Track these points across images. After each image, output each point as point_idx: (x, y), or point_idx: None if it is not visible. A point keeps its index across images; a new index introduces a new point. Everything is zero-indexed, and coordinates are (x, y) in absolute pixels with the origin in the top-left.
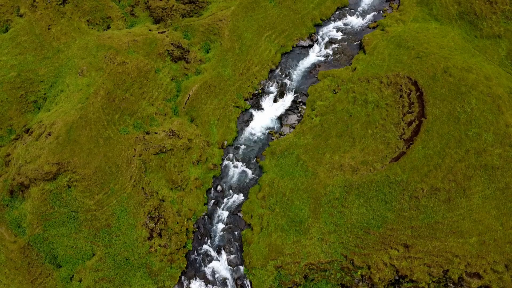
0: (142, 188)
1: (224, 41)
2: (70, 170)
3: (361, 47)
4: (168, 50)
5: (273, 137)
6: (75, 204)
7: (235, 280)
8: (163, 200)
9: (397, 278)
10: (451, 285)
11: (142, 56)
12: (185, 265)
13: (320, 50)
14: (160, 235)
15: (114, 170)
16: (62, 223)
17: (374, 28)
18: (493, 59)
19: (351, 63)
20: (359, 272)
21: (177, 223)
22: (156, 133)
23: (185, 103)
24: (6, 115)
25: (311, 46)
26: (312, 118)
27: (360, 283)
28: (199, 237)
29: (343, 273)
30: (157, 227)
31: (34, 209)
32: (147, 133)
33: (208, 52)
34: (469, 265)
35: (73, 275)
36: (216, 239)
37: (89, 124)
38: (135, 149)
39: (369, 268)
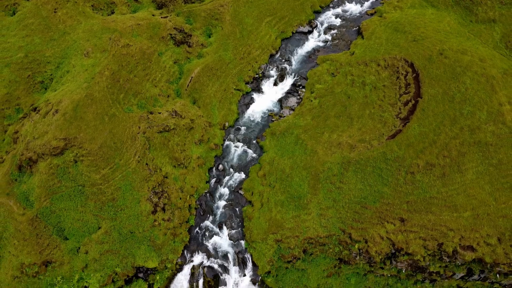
0: (146, 164)
1: (225, 26)
2: (76, 145)
3: (359, 33)
4: (170, 34)
5: (273, 119)
6: (82, 178)
7: (236, 253)
8: (166, 177)
9: (393, 251)
10: (445, 258)
11: (145, 40)
12: (187, 239)
13: (319, 36)
14: (163, 209)
15: (119, 146)
16: (69, 197)
17: (372, 14)
18: (488, 42)
19: (349, 48)
20: (356, 246)
21: (180, 199)
22: (160, 113)
23: (188, 85)
24: (14, 95)
25: (310, 32)
26: (311, 100)
27: (358, 257)
28: (201, 213)
29: (341, 247)
30: (161, 202)
31: (42, 183)
32: (151, 113)
33: (209, 37)
34: (463, 238)
35: (79, 247)
36: (218, 215)
37: (95, 102)
38: (139, 127)
39: (366, 242)
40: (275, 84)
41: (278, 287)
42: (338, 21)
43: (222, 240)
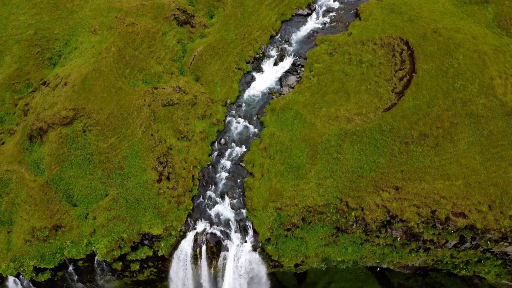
0: (152, 134)
1: (227, 7)
2: (85, 115)
3: (357, 15)
4: (174, 15)
5: (273, 96)
6: (90, 147)
7: (238, 221)
8: (170, 149)
9: (388, 218)
10: (438, 225)
11: (150, 19)
12: (191, 208)
13: (318, 18)
14: (168, 178)
15: (126, 116)
16: (78, 165)
17: None
18: (481, 22)
19: (347, 29)
20: (353, 214)
21: (184, 169)
22: (164, 88)
23: (191, 63)
24: (24, 70)
25: (309, 14)
26: (310, 79)
27: (354, 225)
28: (204, 184)
29: (338, 216)
30: (165, 171)
31: (52, 151)
32: (155, 88)
33: (211, 18)
34: (455, 206)
35: (88, 214)
36: (220, 186)
37: (102, 76)
38: (144, 100)
39: (362, 210)
40: (275, 64)
41: (278, 255)
42: (336, 4)
43: (224, 209)
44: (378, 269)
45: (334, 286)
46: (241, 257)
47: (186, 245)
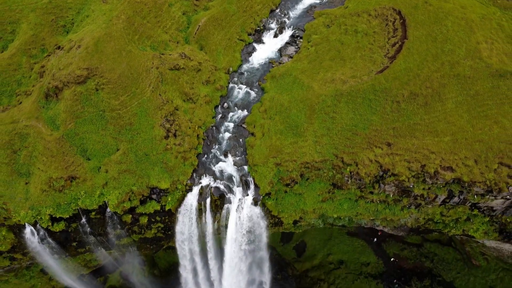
0: (160, 94)
1: None
2: (98, 74)
3: None
4: None
5: (273, 65)
6: (102, 104)
7: (240, 176)
8: (177, 109)
9: (381, 173)
10: (428, 179)
11: None
12: (196, 164)
13: None
14: (175, 135)
15: (135, 76)
16: (91, 121)
17: None
18: None
19: (343, 4)
20: (348, 169)
21: (189, 128)
22: (170, 54)
23: (195, 33)
24: (39, 36)
25: None
26: (308, 48)
27: (349, 180)
28: (208, 144)
29: (334, 172)
30: (172, 128)
31: (67, 108)
32: (162, 54)
33: None
34: (443, 160)
35: (100, 167)
36: (223, 145)
37: (113, 39)
38: (152, 63)
39: (356, 165)
40: (275, 36)
41: (277, 210)
42: None
43: (227, 166)
44: (375, 239)
45: (332, 258)
46: (243, 209)
47: (192, 198)
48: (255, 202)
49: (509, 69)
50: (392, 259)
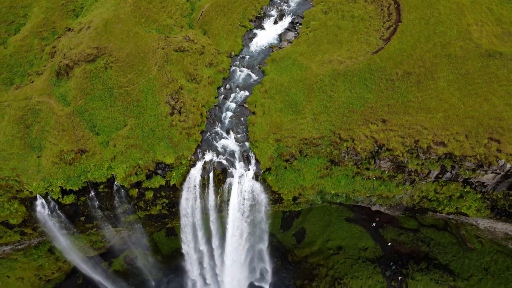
0: (165, 73)
1: None
2: (107, 53)
3: None
4: None
5: (273, 50)
6: (111, 82)
7: (242, 152)
8: (181, 88)
9: (376, 148)
10: (421, 155)
11: None
12: (200, 140)
13: None
14: (179, 112)
15: (142, 56)
16: (100, 98)
17: None
18: None
19: None
20: (344, 145)
21: (193, 106)
22: (175, 37)
23: (199, 18)
24: (50, 20)
25: None
26: (307, 34)
27: (346, 156)
28: (211, 122)
29: (332, 148)
30: (177, 105)
31: (77, 85)
32: (167, 37)
33: None
34: (435, 136)
35: (108, 141)
36: (226, 123)
37: (121, 21)
38: (158, 44)
39: (353, 141)
40: (275, 22)
41: (277, 186)
42: None
43: (229, 142)
44: (374, 224)
45: (331, 244)
46: (244, 183)
47: (195, 173)
48: (256, 177)
49: (498, 49)
50: (389, 244)
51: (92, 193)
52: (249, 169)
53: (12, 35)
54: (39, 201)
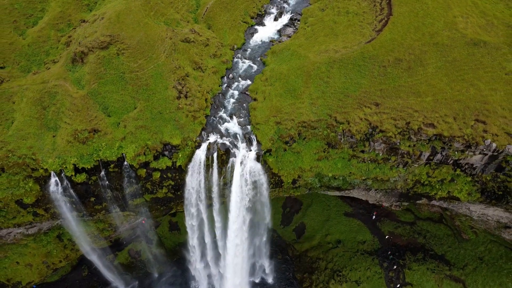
0: (173, 60)
1: None
2: (119, 41)
3: None
4: None
5: (273, 43)
6: (123, 67)
7: (244, 134)
8: (187, 75)
9: (370, 130)
10: (412, 136)
11: None
12: (204, 123)
13: None
14: (186, 96)
15: (152, 43)
16: (112, 82)
17: None
18: None
19: None
20: (340, 127)
21: (199, 91)
22: (182, 29)
23: (204, 13)
24: (66, 13)
25: None
26: (305, 29)
27: (342, 139)
28: (215, 107)
29: (328, 131)
30: (184, 90)
31: (91, 70)
32: (174, 29)
33: None
34: (425, 118)
35: (119, 123)
36: (229, 109)
37: (132, 13)
38: (166, 34)
39: (348, 123)
40: (275, 19)
41: (278, 167)
42: None
43: (232, 126)
44: (374, 216)
45: (330, 238)
46: (246, 163)
47: (200, 153)
48: (257, 157)
49: (482, 38)
50: (386, 237)
51: (103, 173)
52: (251, 150)
53: (30, 27)
54: (53, 180)
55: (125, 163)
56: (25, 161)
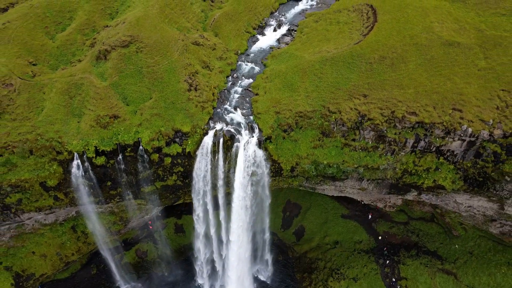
0: (184, 58)
1: None
2: (138, 40)
3: (337, 0)
4: None
5: (273, 49)
6: (141, 63)
7: (247, 123)
8: (197, 72)
9: (359, 118)
10: (397, 124)
11: None
12: (212, 113)
13: (307, 2)
14: (195, 89)
15: (166, 43)
16: (131, 75)
17: None
18: None
19: (329, 7)
20: (333, 116)
21: (207, 86)
22: (192, 35)
23: (211, 23)
24: (91, 20)
25: (300, 0)
26: (301, 37)
27: (335, 127)
28: (221, 101)
29: (322, 120)
30: (194, 83)
31: (113, 65)
32: (185, 34)
33: None
34: (408, 107)
35: (136, 111)
36: (233, 102)
37: (150, 18)
38: (179, 37)
39: (340, 112)
40: (275, 30)
41: (277, 154)
42: None
43: (236, 116)
44: (370, 216)
45: (329, 239)
46: (249, 148)
47: (208, 139)
48: (259, 142)
49: (456, 40)
50: (379, 238)
51: (120, 156)
52: (253, 136)
53: (60, 32)
54: (75, 162)
55: (140, 147)
56: (51, 144)
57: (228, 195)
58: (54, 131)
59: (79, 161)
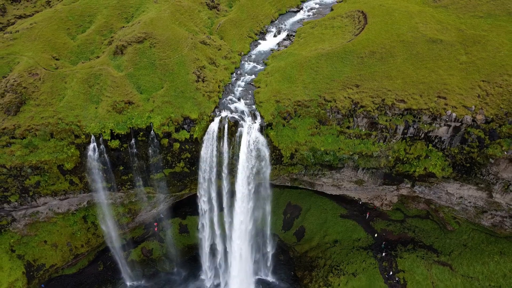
0: (193, 53)
1: (241, 0)
2: (152, 37)
3: (331, 10)
4: (206, 2)
5: (273, 51)
6: (154, 56)
7: (249, 111)
8: (204, 67)
9: (353, 106)
10: (388, 111)
11: (190, 2)
12: (217, 102)
13: (305, 13)
14: (203, 80)
15: (177, 40)
16: (145, 67)
17: (340, 1)
18: (417, 2)
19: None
20: (329, 105)
21: (213, 79)
22: (200, 36)
23: (217, 28)
24: (109, 22)
25: (298, 11)
26: (299, 41)
27: (331, 115)
28: (226, 93)
29: (319, 109)
30: (201, 75)
31: (129, 58)
32: (194, 35)
33: (231, 8)
34: (397, 95)
35: (149, 99)
36: (237, 94)
37: (162, 20)
38: (188, 35)
39: (335, 101)
40: (275, 35)
41: (278, 141)
42: (317, 6)
43: (240, 105)
44: (368, 215)
45: (328, 238)
46: (252, 133)
47: (214, 125)
48: (261, 128)
49: (439, 37)
50: (375, 235)
51: (133, 141)
52: (255, 122)
53: (80, 33)
54: (92, 145)
55: (152, 132)
56: (71, 128)
57: (232, 185)
58: (74, 115)
59: (95, 143)
